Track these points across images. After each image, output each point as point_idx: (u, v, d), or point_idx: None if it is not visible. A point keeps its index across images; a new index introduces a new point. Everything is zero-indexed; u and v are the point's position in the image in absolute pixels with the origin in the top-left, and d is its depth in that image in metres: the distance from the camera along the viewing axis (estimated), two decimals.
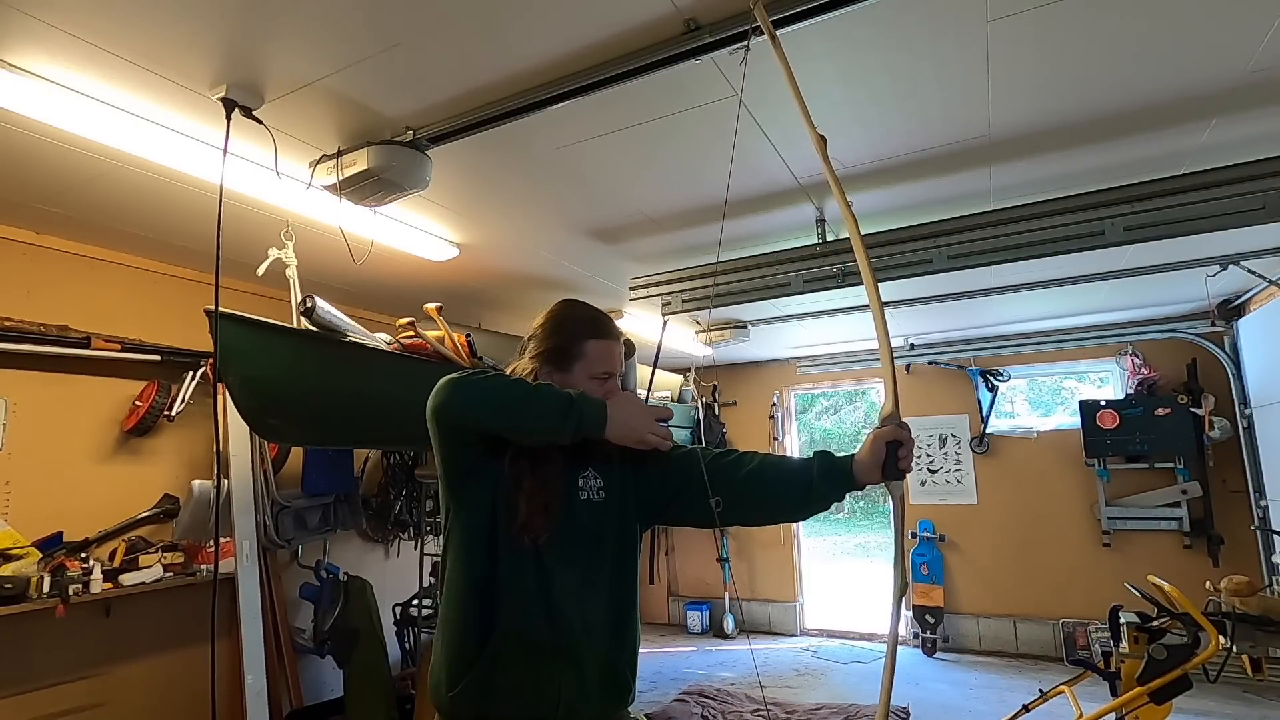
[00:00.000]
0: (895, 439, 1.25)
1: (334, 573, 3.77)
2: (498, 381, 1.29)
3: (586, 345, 1.42)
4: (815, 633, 6.45)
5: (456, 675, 1.30)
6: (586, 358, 1.42)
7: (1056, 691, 2.98)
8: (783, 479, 1.37)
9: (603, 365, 1.42)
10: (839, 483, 1.32)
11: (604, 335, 1.44)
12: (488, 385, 1.27)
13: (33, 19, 1.65)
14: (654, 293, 3.67)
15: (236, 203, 2.61)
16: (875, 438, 1.27)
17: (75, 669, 2.96)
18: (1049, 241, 2.79)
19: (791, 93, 1.47)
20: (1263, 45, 1.92)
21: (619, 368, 1.46)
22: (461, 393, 1.27)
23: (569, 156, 2.46)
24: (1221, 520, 4.95)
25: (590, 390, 1.39)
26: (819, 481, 1.32)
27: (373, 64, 1.87)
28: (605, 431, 1.28)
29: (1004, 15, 1.77)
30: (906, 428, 1.27)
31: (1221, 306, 4.84)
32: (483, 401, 1.27)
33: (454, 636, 1.33)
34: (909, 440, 1.26)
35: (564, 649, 1.31)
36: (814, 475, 1.32)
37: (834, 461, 1.33)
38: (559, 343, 1.43)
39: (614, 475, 1.44)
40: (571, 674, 1.31)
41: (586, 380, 1.41)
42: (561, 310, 1.49)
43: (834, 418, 17.14)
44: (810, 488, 1.33)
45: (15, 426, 2.90)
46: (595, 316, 1.47)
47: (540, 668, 1.29)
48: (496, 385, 1.28)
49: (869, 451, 1.27)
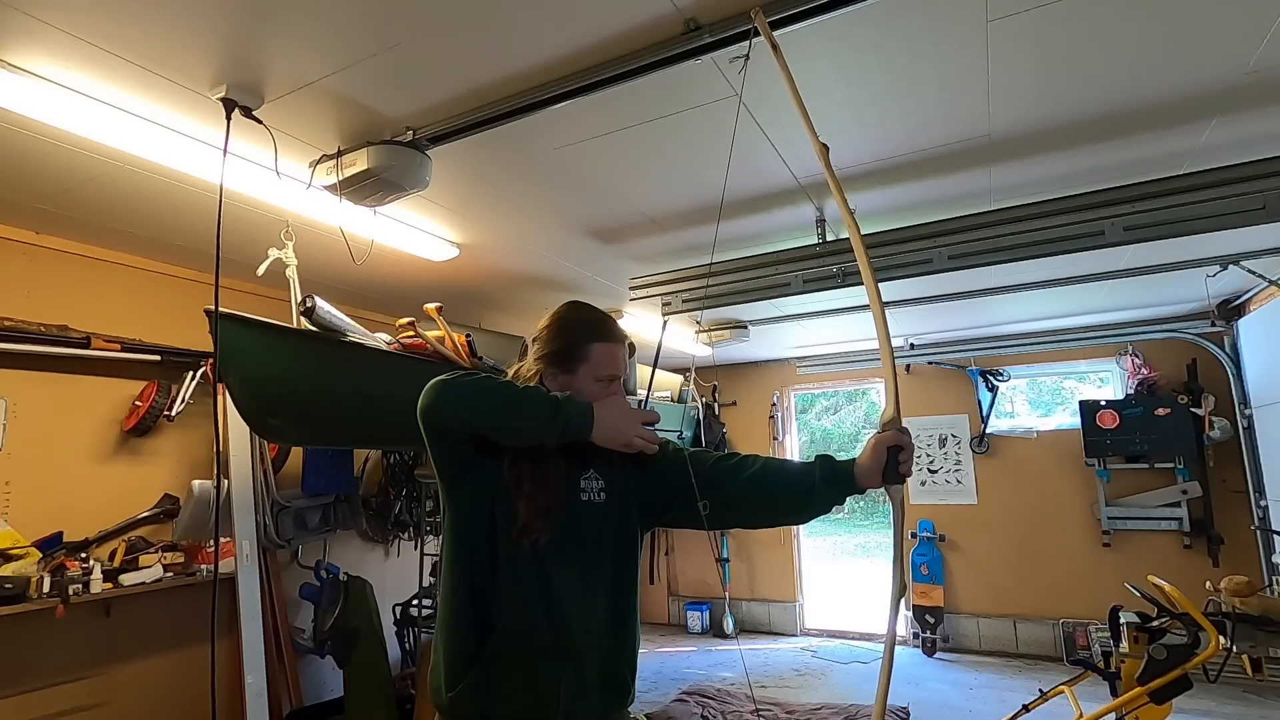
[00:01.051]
0: (896, 444, 1.26)
1: (334, 573, 3.77)
2: (485, 383, 1.30)
3: (591, 348, 1.42)
4: (815, 633, 6.45)
5: (456, 676, 1.30)
6: (591, 360, 1.42)
7: (1056, 691, 2.98)
8: (785, 482, 1.38)
9: (607, 368, 1.43)
10: (841, 487, 1.33)
11: (609, 338, 1.45)
12: (475, 386, 1.28)
13: (33, 19, 1.65)
14: (654, 293, 3.67)
15: (236, 203, 2.61)
16: (876, 442, 1.28)
17: (75, 669, 2.96)
18: (1049, 241, 2.79)
19: (794, 102, 1.47)
20: (1262, 45, 1.92)
21: (623, 371, 1.46)
22: (448, 394, 1.28)
23: (569, 156, 2.46)
24: (1221, 520, 4.95)
25: (594, 393, 1.40)
26: (821, 485, 1.33)
27: (373, 64, 1.87)
28: (592, 434, 1.29)
29: (1004, 15, 1.77)
30: (907, 432, 1.28)
31: (1221, 306, 4.84)
32: (469, 403, 1.28)
33: (453, 637, 1.33)
34: (909, 445, 1.27)
35: (564, 649, 1.31)
36: (816, 479, 1.34)
37: (836, 466, 1.34)
38: (564, 345, 1.44)
39: (615, 476, 1.44)
40: (572, 674, 1.31)
41: (591, 383, 1.41)
42: (567, 312, 1.50)
43: (834, 417, 17.14)
44: (812, 491, 1.34)
45: (15, 426, 2.90)
46: (600, 319, 1.48)
47: (540, 668, 1.30)
48: (483, 387, 1.29)
49: (870, 456, 1.28)
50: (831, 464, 1.35)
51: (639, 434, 1.32)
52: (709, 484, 1.39)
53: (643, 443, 1.33)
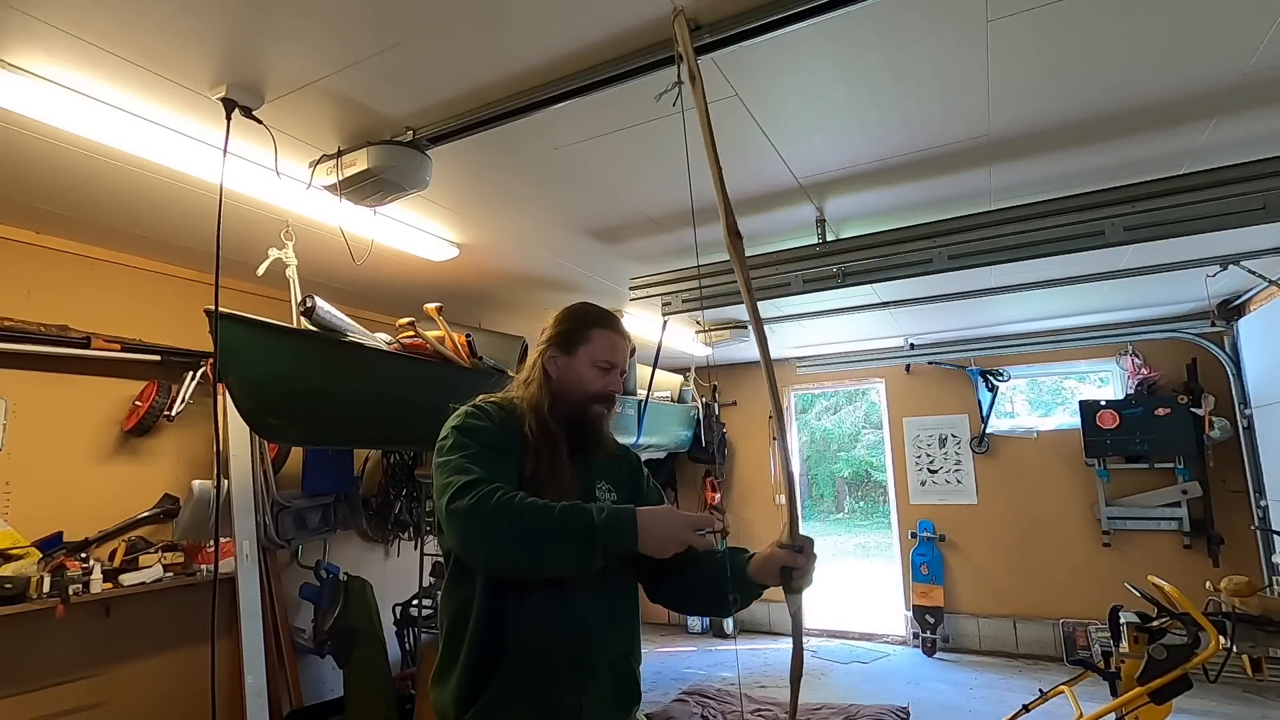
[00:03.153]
0: (788, 564, 1.27)
1: (334, 573, 3.77)
2: (508, 526, 1.18)
3: (592, 332, 1.45)
4: (815, 633, 6.45)
5: (469, 697, 1.27)
6: (591, 343, 1.44)
7: (1056, 691, 2.98)
8: (714, 578, 1.37)
9: (605, 354, 1.44)
10: (745, 592, 1.34)
11: (611, 327, 1.47)
12: (503, 532, 1.18)
13: (33, 19, 1.65)
14: (654, 293, 3.68)
15: (236, 203, 2.61)
16: (768, 558, 1.29)
17: (75, 669, 2.96)
18: (1049, 241, 2.79)
19: (705, 142, 1.42)
20: (1263, 45, 1.92)
21: (624, 364, 1.48)
22: (480, 543, 1.21)
23: (569, 156, 2.46)
24: (1221, 520, 4.95)
25: (590, 378, 1.41)
26: (730, 588, 1.34)
27: (373, 64, 1.87)
28: (639, 545, 1.19)
29: (1004, 15, 1.77)
30: (805, 551, 1.27)
31: (1221, 306, 4.84)
32: (505, 556, 1.21)
33: (466, 657, 1.28)
34: (804, 565, 1.27)
35: (583, 660, 1.30)
36: (730, 582, 1.34)
37: (739, 564, 1.34)
38: (567, 328, 1.47)
39: (622, 492, 1.49)
40: (591, 684, 1.31)
41: (588, 366, 1.43)
42: (574, 306, 1.53)
43: (834, 418, 17.15)
44: (725, 595, 1.35)
45: (15, 426, 2.90)
46: (605, 312, 1.51)
47: (562, 680, 1.29)
48: (511, 532, 1.18)
49: (759, 565, 1.31)
50: (738, 562, 1.34)
51: (691, 540, 1.22)
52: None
53: (699, 540, 1.24)
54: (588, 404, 1.43)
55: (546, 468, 1.34)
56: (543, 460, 1.35)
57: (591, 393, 1.43)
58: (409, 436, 3.07)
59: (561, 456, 1.37)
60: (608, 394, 1.45)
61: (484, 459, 1.28)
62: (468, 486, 1.21)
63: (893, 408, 6.31)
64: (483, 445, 1.31)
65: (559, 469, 1.35)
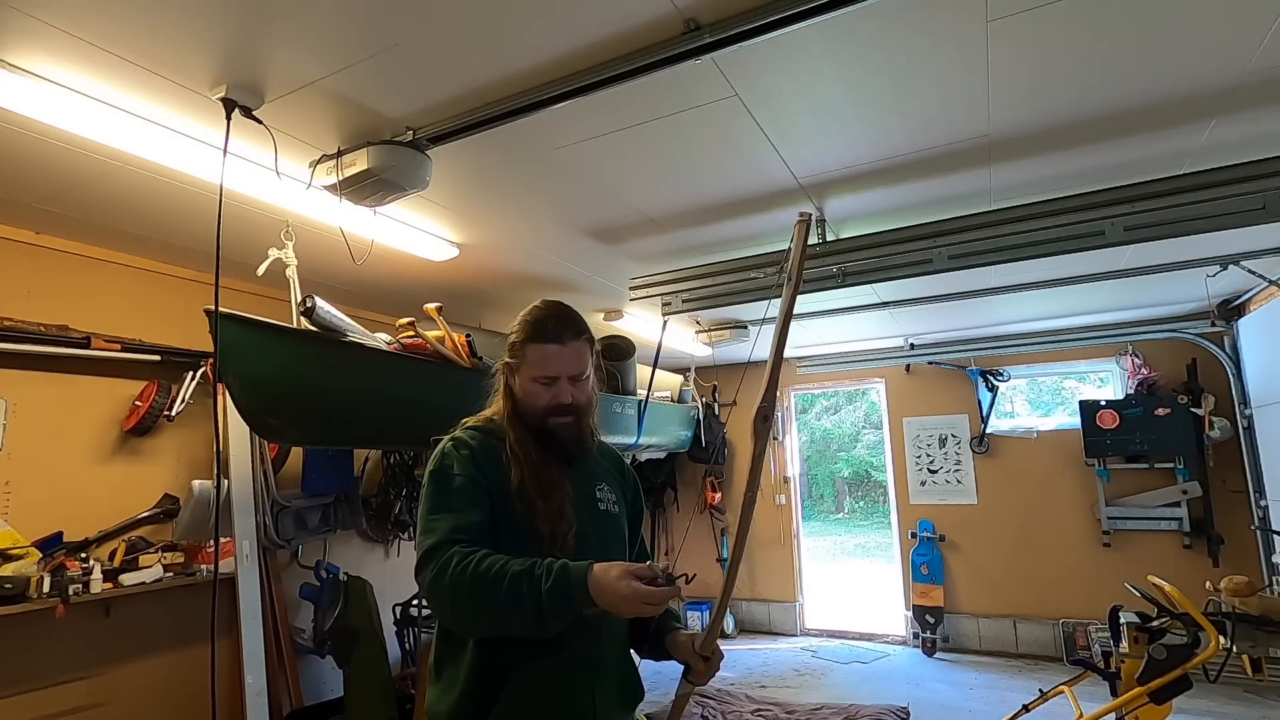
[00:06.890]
0: (694, 667, 1.34)
1: (334, 573, 3.77)
2: (467, 598, 1.17)
3: (527, 349, 1.39)
4: (815, 633, 6.45)
5: (478, 710, 1.25)
6: (527, 361, 1.38)
7: (1056, 691, 2.98)
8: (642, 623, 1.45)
9: (540, 370, 1.37)
10: (658, 654, 1.44)
11: (541, 339, 1.37)
12: (460, 610, 1.21)
13: (33, 19, 1.65)
14: (654, 293, 3.68)
15: (236, 203, 2.61)
16: (682, 647, 1.37)
17: (75, 669, 2.96)
18: (1049, 241, 2.79)
19: (776, 335, 1.36)
20: (1263, 45, 1.92)
21: (566, 371, 1.38)
22: (444, 615, 1.28)
23: (569, 156, 2.46)
24: (1221, 520, 4.95)
25: (537, 394, 1.37)
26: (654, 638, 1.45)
27: (373, 64, 1.87)
28: (599, 603, 1.14)
29: (1004, 15, 1.77)
30: (714, 659, 1.34)
31: (1221, 306, 4.84)
32: (470, 627, 1.26)
33: (472, 668, 1.26)
34: (704, 673, 1.34)
35: (594, 659, 1.31)
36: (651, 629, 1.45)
37: (660, 632, 1.44)
38: (512, 342, 1.42)
39: (618, 492, 1.50)
40: (602, 683, 1.32)
41: (531, 384, 1.38)
42: (523, 314, 1.44)
43: (834, 418, 17.15)
44: (639, 642, 1.47)
45: (15, 426, 2.89)
46: (539, 320, 1.40)
47: (575, 682, 1.29)
48: (468, 609, 1.19)
49: (676, 644, 1.40)
50: (665, 626, 1.45)
51: (644, 613, 1.15)
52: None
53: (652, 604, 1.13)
54: (544, 419, 1.38)
55: (532, 479, 1.33)
56: (526, 472, 1.33)
57: (541, 408, 1.38)
58: (409, 436, 3.07)
59: (546, 465, 1.35)
60: (558, 406, 1.37)
61: (457, 502, 1.28)
62: (429, 555, 1.22)
63: (893, 408, 6.31)
64: (455, 490, 1.29)
65: (544, 478, 1.34)
